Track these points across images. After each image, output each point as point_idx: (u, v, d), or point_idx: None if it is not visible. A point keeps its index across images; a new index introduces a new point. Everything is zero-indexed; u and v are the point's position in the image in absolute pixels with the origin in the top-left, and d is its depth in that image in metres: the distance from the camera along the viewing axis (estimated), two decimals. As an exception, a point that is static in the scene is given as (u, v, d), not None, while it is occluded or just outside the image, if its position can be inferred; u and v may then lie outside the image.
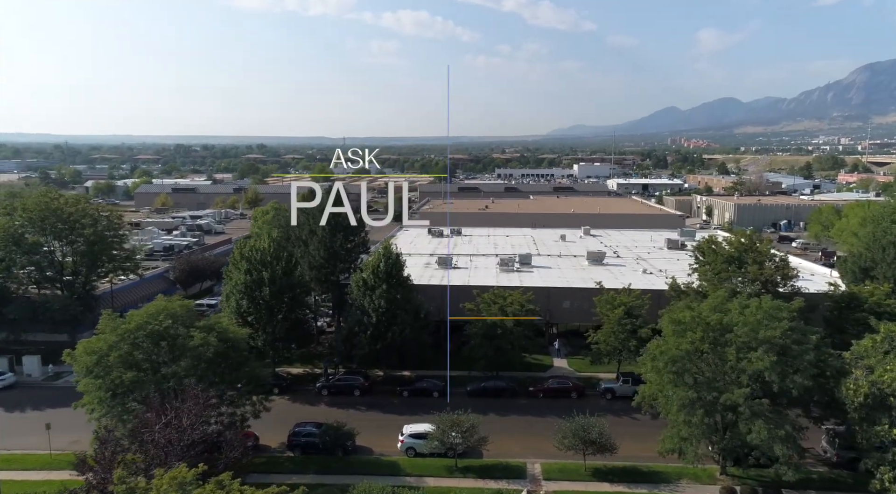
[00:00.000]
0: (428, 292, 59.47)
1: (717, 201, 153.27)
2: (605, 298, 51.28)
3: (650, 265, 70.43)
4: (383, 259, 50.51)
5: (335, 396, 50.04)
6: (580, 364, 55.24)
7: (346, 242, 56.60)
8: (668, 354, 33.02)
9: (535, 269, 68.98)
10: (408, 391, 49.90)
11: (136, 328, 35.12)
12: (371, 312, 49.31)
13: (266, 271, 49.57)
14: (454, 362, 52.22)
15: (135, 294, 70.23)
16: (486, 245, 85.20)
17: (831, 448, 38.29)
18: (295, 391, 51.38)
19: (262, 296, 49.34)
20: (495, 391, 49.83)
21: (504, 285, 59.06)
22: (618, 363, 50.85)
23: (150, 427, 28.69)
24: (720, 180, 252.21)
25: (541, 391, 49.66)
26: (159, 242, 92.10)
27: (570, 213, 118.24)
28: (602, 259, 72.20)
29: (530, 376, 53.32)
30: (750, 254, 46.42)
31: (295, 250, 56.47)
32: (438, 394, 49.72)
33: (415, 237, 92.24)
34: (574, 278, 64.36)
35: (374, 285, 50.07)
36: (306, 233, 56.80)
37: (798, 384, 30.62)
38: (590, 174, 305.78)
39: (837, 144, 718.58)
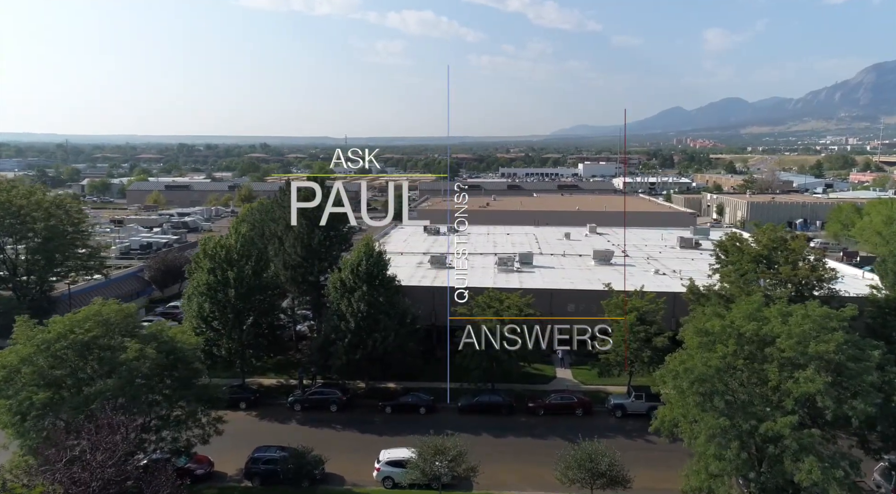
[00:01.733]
0: (418, 294, 53.83)
1: (729, 199, 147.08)
2: (615, 301, 45.40)
3: (662, 266, 64.47)
4: (364, 257, 44.74)
5: (309, 411, 44.33)
6: (586, 375, 49.36)
7: (326, 238, 50.73)
8: (695, 371, 27.09)
9: (536, 269, 63.13)
10: (391, 407, 44.13)
11: (57, 338, 29.35)
12: (349, 317, 43.55)
13: (231, 271, 43.88)
14: (443, 372, 46.60)
15: (105, 295, 64.49)
16: (485, 244, 79.38)
17: (886, 483, 32.36)
18: (265, 405, 45.67)
19: (227, 298, 43.66)
20: (490, 406, 44.02)
21: (502, 286, 53.42)
22: (629, 375, 44.94)
23: (50, 465, 22.97)
24: (729, 179, 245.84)
25: (542, 407, 43.81)
26: (136, 239, 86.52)
27: (574, 210, 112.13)
28: (610, 259, 66.28)
29: (530, 388, 47.50)
30: (781, 253, 40.51)
31: (269, 248, 50.81)
32: (426, 410, 43.98)
33: (409, 235, 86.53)
34: (579, 279, 58.50)
35: (353, 287, 44.33)
36: (281, 228, 51.05)
37: (859, 412, 24.71)
38: (595, 173, 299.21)
39: (845, 145, 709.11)
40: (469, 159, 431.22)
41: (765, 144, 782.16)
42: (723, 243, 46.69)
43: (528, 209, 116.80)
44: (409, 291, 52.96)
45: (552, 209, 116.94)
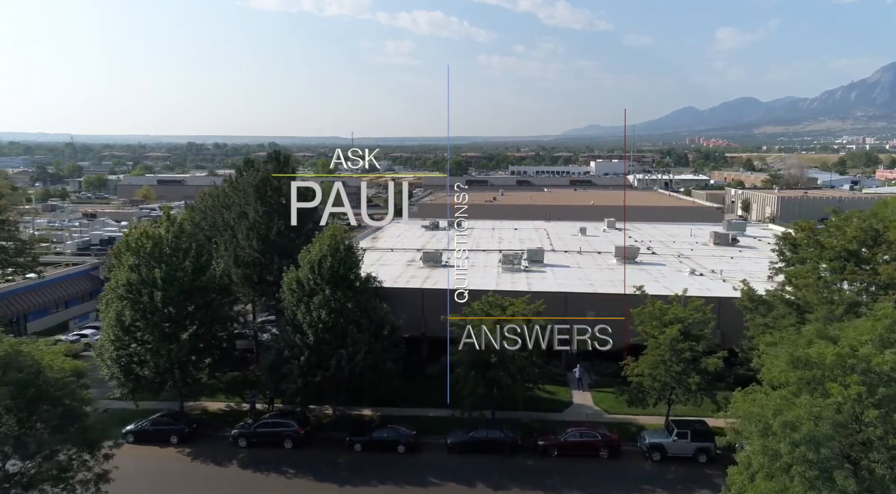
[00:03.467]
0: (405, 297, 44.41)
1: (757, 195, 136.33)
2: (649, 309, 35.38)
3: (698, 265, 54.38)
4: (328, 252, 34.99)
5: (257, 448, 34.67)
6: (611, 401, 39.43)
7: (289, 229, 40.94)
8: (800, 428, 17.23)
9: (547, 268, 53.27)
10: (361, 444, 34.43)
11: None
12: (307, 328, 33.86)
13: (159, 269, 34.29)
14: (435, 395, 37.04)
15: (43, 298, 55.41)
16: (489, 240, 69.55)
17: None
18: (205, 438, 36.10)
19: (152, 303, 34.11)
20: (489, 444, 34.14)
21: (506, 288, 43.79)
22: (668, 404, 34.93)
23: None
24: (750, 176, 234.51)
25: (556, 445, 33.87)
26: (98, 233, 77.10)
27: (589, 205, 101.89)
28: (635, 256, 56.24)
29: (541, 418, 37.62)
30: (878, 248, 30.45)
31: (219, 240, 41.29)
32: (406, 448, 34.22)
33: (404, 231, 76.87)
34: (600, 280, 48.59)
35: (313, 289, 34.64)
36: (234, 216, 41.44)
37: None
38: (608, 171, 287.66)
39: (863, 144, 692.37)
40: (477, 158, 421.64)
41: (780, 144, 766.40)
42: (788, 235, 36.70)
43: (538, 204, 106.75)
44: (392, 294, 43.51)
45: (565, 204, 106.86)
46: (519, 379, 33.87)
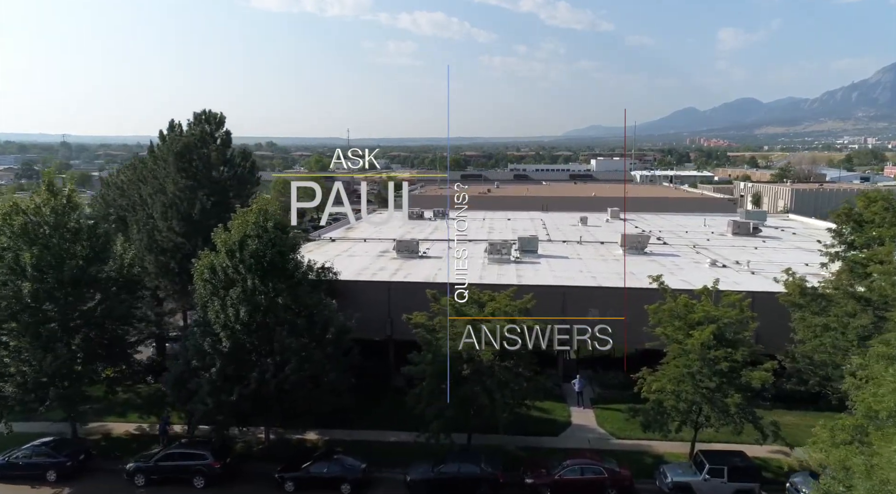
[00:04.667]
0: (368, 293, 36.53)
1: (769, 188, 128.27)
2: (670, 306, 27.20)
3: (718, 255, 46.26)
4: (253, 231, 26.83)
5: (159, 487, 26.66)
6: (619, 422, 31.34)
7: (218, 207, 32.83)
8: None
9: (542, 259, 45.18)
10: (294, 482, 26.32)
11: None
12: (220, 329, 25.76)
13: (29, 252, 26.23)
14: (397, 415, 29.26)
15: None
16: (479, 229, 61.40)
17: None
18: (99, 473, 28.07)
19: (18, 297, 26.07)
20: (462, 482, 25.99)
21: (492, 282, 35.88)
22: (694, 428, 26.80)
23: None
24: (755, 173, 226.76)
25: (548, 484, 25.75)
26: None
27: (590, 196, 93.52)
28: (645, 246, 48.18)
29: (530, 446, 29.55)
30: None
31: (131, 221, 33.23)
32: (352, 487, 26.14)
33: (385, 220, 68.60)
34: (604, 272, 40.54)
35: (231, 280, 26.54)
36: (149, 192, 33.32)
37: None
38: (609, 169, 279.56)
39: (865, 144, 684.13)
40: (477, 156, 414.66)
41: (781, 144, 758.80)
42: (850, 211, 28.66)
43: (535, 195, 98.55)
44: (352, 288, 35.65)
45: (564, 195, 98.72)
46: (499, 398, 25.77)
